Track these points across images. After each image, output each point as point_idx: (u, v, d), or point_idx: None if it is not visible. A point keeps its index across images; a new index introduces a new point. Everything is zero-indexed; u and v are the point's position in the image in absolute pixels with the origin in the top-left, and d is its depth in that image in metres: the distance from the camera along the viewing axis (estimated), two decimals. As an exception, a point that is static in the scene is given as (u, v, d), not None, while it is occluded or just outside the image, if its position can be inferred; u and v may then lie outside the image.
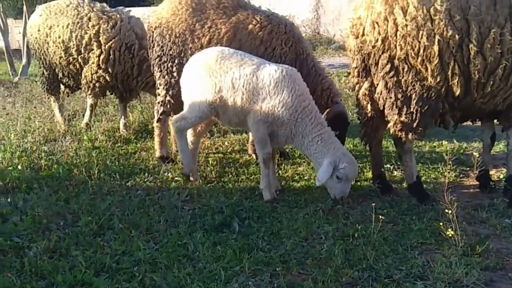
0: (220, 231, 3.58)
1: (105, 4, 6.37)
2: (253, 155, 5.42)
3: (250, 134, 5.09)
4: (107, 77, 5.96)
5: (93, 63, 5.98)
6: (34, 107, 7.02)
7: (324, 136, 3.99)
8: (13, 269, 3.02)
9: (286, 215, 3.85)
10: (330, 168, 3.87)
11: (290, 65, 4.66)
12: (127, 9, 6.47)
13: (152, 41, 5.12)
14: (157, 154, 5.35)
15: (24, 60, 13.98)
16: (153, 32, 5.10)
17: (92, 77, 6.03)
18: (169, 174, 4.81)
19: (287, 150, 5.56)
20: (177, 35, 4.90)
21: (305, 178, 4.75)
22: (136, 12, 7.02)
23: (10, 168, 4.70)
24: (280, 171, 4.92)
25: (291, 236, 3.48)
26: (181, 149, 4.60)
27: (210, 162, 5.16)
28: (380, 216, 3.51)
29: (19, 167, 4.75)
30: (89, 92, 6.18)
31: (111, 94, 6.34)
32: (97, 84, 6.04)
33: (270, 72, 4.04)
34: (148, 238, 3.48)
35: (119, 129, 6.61)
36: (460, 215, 3.65)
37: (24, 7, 14.07)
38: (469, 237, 3.39)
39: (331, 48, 14.59)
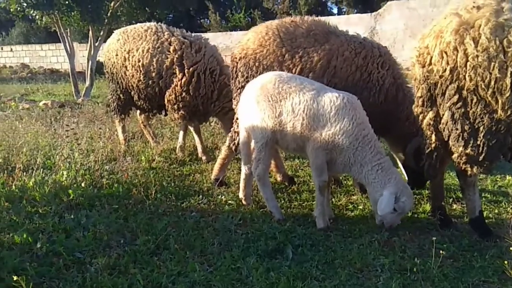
0: (273, 257, 3.58)
1: (184, 30, 6.48)
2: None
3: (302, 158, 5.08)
4: (189, 99, 6.05)
5: (176, 85, 6.06)
6: (100, 129, 7.33)
7: (385, 166, 3.92)
8: (75, 283, 3.13)
9: (340, 245, 3.79)
10: (392, 200, 3.79)
11: (388, 89, 4.61)
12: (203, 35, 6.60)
13: (236, 71, 5.01)
14: (213, 176, 5.37)
15: (87, 82, 14.78)
16: (237, 63, 4.98)
17: (176, 100, 6.09)
18: (223, 197, 4.88)
19: (340, 178, 5.50)
20: (265, 67, 4.75)
21: (359, 207, 4.67)
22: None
23: (74, 185, 4.90)
24: (333, 199, 4.87)
25: (346, 267, 3.42)
26: (266, 197, 4.48)
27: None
28: (440, 251, 3.39)
29: (83, 184, 4.94)
30: (176, 116, 6.22)
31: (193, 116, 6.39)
32: (181, 105, 6.10)
33: (332, 98, 3.99)
34: (203, 260, 3.52)
35: (174, 150, 6.81)
36: (526, 253, 3.46)
37: (90, 32, 14.93)
38: (535, 278, 3.21)
39: (385, 75, 14.36)
